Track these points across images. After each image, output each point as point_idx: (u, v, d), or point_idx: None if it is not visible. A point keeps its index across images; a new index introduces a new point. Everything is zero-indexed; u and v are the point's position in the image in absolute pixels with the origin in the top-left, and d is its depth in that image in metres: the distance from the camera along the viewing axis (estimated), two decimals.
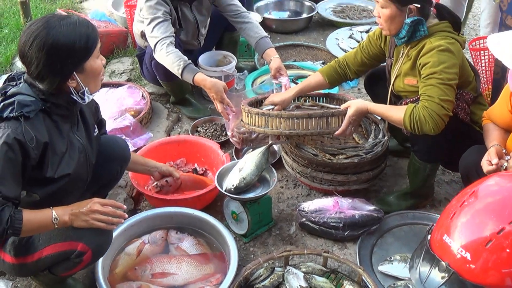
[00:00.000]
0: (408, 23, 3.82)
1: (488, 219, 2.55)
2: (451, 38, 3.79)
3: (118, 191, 4.38)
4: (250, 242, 4.08)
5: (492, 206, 2.61)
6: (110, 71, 6.17)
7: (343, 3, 7.89)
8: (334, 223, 3.98)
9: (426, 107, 3.59)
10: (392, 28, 3.93)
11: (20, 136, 2.89)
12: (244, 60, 6.47)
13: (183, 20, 5.17)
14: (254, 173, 3.97)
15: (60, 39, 2.96)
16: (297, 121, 3.97)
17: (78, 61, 3.05)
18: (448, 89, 3.63)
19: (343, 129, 3.98)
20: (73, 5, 8.12)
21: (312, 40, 7.11)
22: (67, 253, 3.13)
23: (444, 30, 3.84)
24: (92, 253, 3.17)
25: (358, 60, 4.45)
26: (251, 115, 4.13)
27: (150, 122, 5.38)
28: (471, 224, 2.60)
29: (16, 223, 2.88)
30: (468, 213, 2.64)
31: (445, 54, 3.70)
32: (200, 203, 4.27)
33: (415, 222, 4.15)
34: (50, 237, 3.14)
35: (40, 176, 3.09)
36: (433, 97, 3.60)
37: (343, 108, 4.00)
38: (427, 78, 3.70)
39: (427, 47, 3.78)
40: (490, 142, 3.56)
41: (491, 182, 2.78)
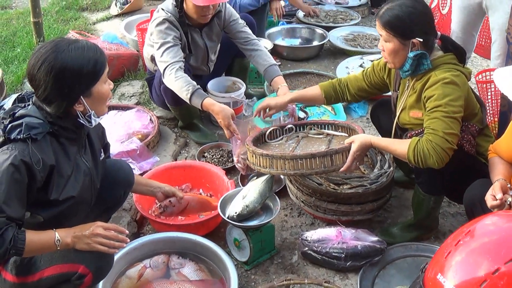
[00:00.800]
0: (411, 57, 3.82)
1: (483, 259, 2.51)
2: (456, 71, 3.79)
3: (122, 214, 4.39)
4: (252, 270, 4.06)
5: (488, 246, 2.57)
6: (120, 94, 6.20)
7: (355, 31, 7.91)
8: (336, 253, 3.97)
9: (430, 140, 3.58)
10: (396, 62, 3.94)
11: (27, 158, 2.92)
12: (254, 86, 6.48)
13: (193, 45, 5.20)
14: (257, 201, 3.97)
15: (68, 63, 2.99)
16: (301, 162, 3.94)
17: (85, 86, 3.09)
18: (452, 122, 3.62)
19: (348, 166, 3.95)
20: (86, 26, 8.18)
21: (323, 68, 7.12)
22: (68, 274, 3.15)
23: (449, 62, 3.85)
24: (92, 275, 3.19)
25: (358, 84, 4.48)
26: (256, 155, 4.11)
27: (157, 146, 5.39)
28: (466, 264, 2.56)
29: (19, 244, 2.91)
30: (463, 252, 2.60)
31: (450, 87, 3.70)
32: (204, 228, 4.27)
33: (419, 254, 4.11)
34: (52, 258, 3.16)
35: (44, 198, 3.12)
36: (437, 130, 3.59)
37: (346, 143, 3.97)
38: (431, 111, 3.68)
39: (432, 80, 3.78)
40: (495, 176, 3.54)
41: (488, 222, 2.74)
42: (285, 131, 4.63)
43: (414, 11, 3.81)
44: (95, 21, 8.52)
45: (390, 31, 3.84)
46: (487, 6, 5.22)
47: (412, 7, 3.82)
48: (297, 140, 4.45)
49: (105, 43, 6.64)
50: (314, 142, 4.43)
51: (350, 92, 4.51)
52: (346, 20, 8.33)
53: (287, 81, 6.10)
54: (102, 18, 8.64)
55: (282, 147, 4.42)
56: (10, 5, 9.49)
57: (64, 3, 9.12)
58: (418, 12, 3.83)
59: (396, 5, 3.84)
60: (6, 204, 2.87)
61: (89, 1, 9.20)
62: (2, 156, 2.93)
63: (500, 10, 5.12)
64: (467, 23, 5.57)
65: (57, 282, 3.19)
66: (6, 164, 2.89)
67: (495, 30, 5.26)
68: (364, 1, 9.14)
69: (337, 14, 8.52)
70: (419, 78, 3.92)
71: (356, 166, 4.01)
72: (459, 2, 5.55)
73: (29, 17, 7.13)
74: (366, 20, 8.79)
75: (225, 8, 5.30)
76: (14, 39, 7.65)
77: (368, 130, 5.60)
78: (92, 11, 9.00)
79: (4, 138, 3.00)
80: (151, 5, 8.71)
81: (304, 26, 8.00)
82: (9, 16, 8.67)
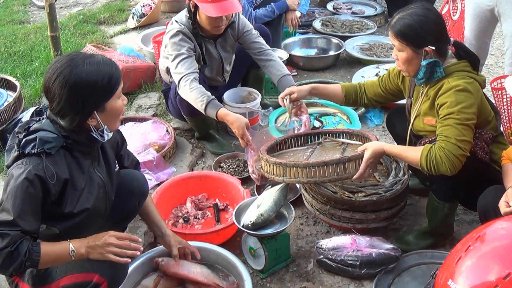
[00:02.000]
0: (424, 65, 3.84)
1: (494, 263, 2.49)
2: (469, 78, 3.80)
3: (139, 224, 4.42)
4: (267, 278, 4.08)
5: (498, 250, 2.55)
6: (137, 106, 6.26)
7: (371, 41, 7.91)
8: (351, 261, 3.98)
9: (443, 147, 3.59)
10: (410, 70, 3.95)
11: (41, 172, 2.97)
12: (270, 96, 6.50)
13: (208, 56, 5.24)
14: (272, 210, 3.99)
15: (83, 78, 3.03)
16: (314, 170, 3.95)
17: (99, 101, 3.12)
18: (465, 129, 3.63)
19: (361, 173, 3.95)
20: (103, 40, 8.25)
21: (339, 78, 7.13)
22: (83, 284, 3.17)
23: (462, 70, 3.85)
24: (107, 284, 3.21)
25: (375, 90, 4.51)
26: (269, 164, 4.12)
27: (173, 157, 5.43)
28: (477, 269, 2.55)
29: (34, 256, 2.96)
30: (473, 258, 2.58)
31: (463, 94, 3.71)
32: (219, 238, 4.30)
33: (434, 262, 4.09)
34: (67, 268, 3.19)
35: (59, 210, 3.15)
36: (450, 137, 3.60)
37: (359, 151, 3.98)
38: (444, 119, 3.69)
39: (445, 87, 3.79)
40: (509, 182, 3.53)
41: (497, 227, 2.73)
42: (300, 141, 4.65)
43: (426, 19, 3.82)
44: (112, 35, 8.60)
45: (402, 41, 3.86)
46: (500, 13, 5.23)
47: (423, 15, 3.83)
48: (312, 149, 4.47)
49: (122, 55, 6.71)
50: (328, 150, 4.45)
51: (367, 97, 4.55)
52: (362, 30, 8.34)
53: None
54: (119, 31, 8.72)
55: (297, 155, 4.44)
56: (28, 20, 9.61)
57: (81, 17, 9.23)
58: (430, 20, 3.84)
59: (407, 14, 3.87)
60: (21, 218, 2.92)
61: (107, 15, 9.30)
62: (17, 171, 2.98)
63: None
64: (480, 30, 5.57)
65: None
66: (20, 179, 2.94)
67: (508, 37, 5.25)
68: (380, 11, 9.15)
69: (353, 23, 8.52)
70: (433, 85, 3.93)
71: (370, 174, 4.01)
72: (471, 9, 5.55)
73: (46, 31, 7.20)
74: (382, 29, 8.79)
75: (238, 19, 5.34)
76: (32, 53, 7.74)
77: (384, 139, 5.61)
78: (110, 24, 9.09)
79: (19, 152, 3.04)
80: (168, 18, 8.78)
81: (320, 36, 8.01)
82: (27, 30, 8.78)
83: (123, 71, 6.33)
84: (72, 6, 10.17)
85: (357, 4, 9.48)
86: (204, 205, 4.78)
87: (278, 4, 7.00)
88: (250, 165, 4.66)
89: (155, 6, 8.71)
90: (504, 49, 5.54)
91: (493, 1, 5.26)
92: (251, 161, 4.63)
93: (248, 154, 4.72)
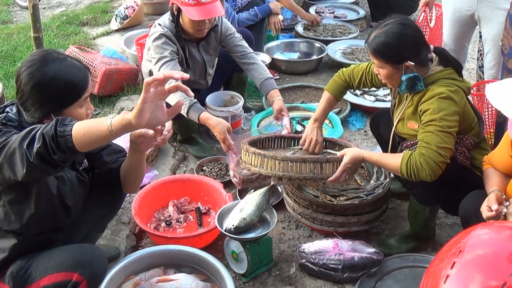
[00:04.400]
0: (404, 80, 3.85)
1: (487, 277, 2.46)
2: (453, 86, 3.81)
3: (121, 228, 4.43)
4: (250, 282, 4.08)
5: (486, 262, 2.51)
6: (119, 108, 6.24)
7: (353, 45, 7.94)
8: (333, 265, 3.99)
9: (423, 154, 3.61)
10: (393, 83, 4.00)
11: None
12: (253, 100, 6.51)
13: (190, 59, 5.25)
14: (255, 214, 3.99)
15: (48, 78, 3.02)
16: (291, 164, 3.98)
17: (57, 105, 3.09)
18: (446, 136, 3.65)
19: (337, 176, 3.97)
20: (86, 41, 8.23)
21: (321, 82, 7.14)
22: (63, 283, 3.16)
23: (447, 77, 3.86)
24: (87, 283, 3.20)
25: (362, 81, 4.46)
26: (249, 153, 4.16)
27: (156, 160, 5.42)
28: (471, 285, 2.52)
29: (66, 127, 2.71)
30: (463, 274, 2.54)
31: (445, 102, 3.72)
32: (202, 241, 4.29)
33: (416, 265, 4.11)
34: (47, 268, 3.19)
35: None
36: (431, 144, 3.62)
37: (339, 155, 4.01)
38: (426, 125, 3.71)
39: (428, 94, 3.80)
40: (490, 187, 3.55)
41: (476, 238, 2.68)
42: (283, 143, 4.66)
43: (402, 36, 3.82)
44: (95, 36, 8.58)
45: (381, 59, 3.86)
46: (480, 17, 5.27)
47: (399, 32, 3.82)
48: (293, 152, 4.48)
49: (105, 58, 6.68)
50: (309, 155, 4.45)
51: (355, 86, 4.55)
52: (345, 34, 8.37)
53: (285, 95, 6.18)
54: (102, 33, 8.70)
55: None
56: (11, 20, 9.58)
57: (64, 18, 9.21)
58: (407, 36, 3.83)
59: (382, 33, 3.84)
60: None
61: (90, 16, 9.28)
62: None
63: (493, 20, 5.16)
64: (459, 35, 5.62)
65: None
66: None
67: (488, 41, 5.30)
68: (363, 15, 9.18)
69: (336, 28, 8.55)
70: (417, 92, 3.93)
71: (345, 179, 4.04)
72: (450, 15, 5.59)
73: (29, 32, 7.12)
74: (364, 33, 8.81)
75: (221, 22, 5.35)
76: (15, 54, 7.72)
77: (366, 143, 5.65)
78: (93, 26, 9.07)
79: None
80: (151, 20, 8.76)
81: (303, 40, 8.04)
82: (10, 31, 8.75)
83: (106, 74, 6.33)
84: (55, 7, 10.14)
85: (340, 8, 9.50)
86: (186, 208, 4.77)
87: (261, 8, 7.02)
88: (231, 169, 4.68)
89: (138, 8, 8.70)
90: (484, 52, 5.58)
91: (472, 6, 5.30)
92: (232, 165, 4.64)
93: (230, 158, 4.73)
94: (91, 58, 6.48)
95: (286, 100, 6.49)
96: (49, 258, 3.23)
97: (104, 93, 6.44)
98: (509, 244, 2.56)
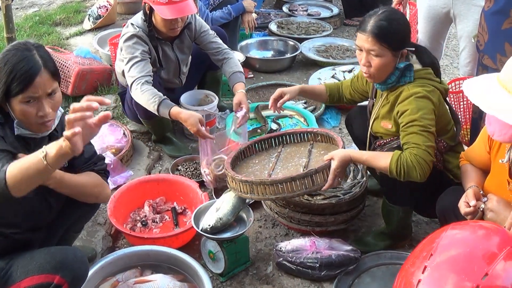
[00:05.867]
0: (400, 68, 3.82)
1: (460, 280, 2.45)
2: (430, 86, 3.81)
3: (97, 229, 4.39)
4: (227, 281, 4.07)
5: (458, 265, 2.48)
6: None
7: (327, 42, 7.96)
8: (310, 263, 3.98)
9: (415, 154, 3.57)
10: (383, 76, 3.89)
11: None
12: (227, 99, 6.47)
13: (164, 59, 5.24)
14: (231, 213, 3.97)
15: (5, 63, 3.04)
16: (281, 186, 3.87)
17: (2, 91, 3.07)
18: (429, 135, 3.64)
19: (330, 184, 3.88)
20: (59, 41, 8.14)
21: (295, 80, 7.15)
22: (44, 285, 3.11)
23: (424, 77, 3.86)
24: (68, 285, 3.16)
25: (349, 90, 4.52)
26: (235, 181, 4.04)
27: (131, 160, 5.38)
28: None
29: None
30: (435, 278, 2.53)
31: (422, 101, 3.72)
32: (178, 241, 4.27)
33: (393, 262, 4.11)
34: (28, 270, 3.14)
35: None
36: (420, 144, 3.59)
37: (325, 159, 3.92)
38: (407, 126, 3.69)
39: (404, 94, 3.79)
40: (468, 183, 3.56)
41: (446, 239, 2.67)
42: (264, 145, 4.63)
43: (402, 21, 3.85)
44: (68, 36, 8.49)
45: (385, 45, 3.77)
46: (455, 15, 5.28)
47: (400, 18, 3.85)
48: (277, 154, 4.43)
49: (78, 58, 6.64)
50: (294, 154, 4.41)
51: (345, 96, 4.57)
52: (318, 32, 8.39)
53: (259, 93, 6.20)
54: (75, 32, 8.62)
55: (262, 163, 4.38)
56: None
57: (37, 18, 9.11)
58: (406, 22, 3.88)
59: (385, 18, 3.78)
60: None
61: (63, 16, 9.18)
62: None
63: (468, 17, 5.18)
64: (434, 32, 5.64)
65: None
66: None
67: (463, 38, 5.32)
68: (336, 12, 9.21)
69: (309, 25, 8.57)
70: (393, 90, 3.93)
71: (338, 182, 3.97)
72: (425, 12, 5.61)
73: (2, 32, 7.09)
74: (338, 31, 8.86)
75: (195, 19, 5.35)
76: None
77: None
78: (65, 26, 8.98)
79: None
80: (124, 19, 8.69)
81: (276, 38, 8.05)
82: None
83: (80, 74, 6.28)
84: (28, 7, 10.03)
85: (313, 6, 9.54)
86: (162, 208, 4.74)
87: (235, 6, 7.01)
88: (204, 167, 4.66)
89: (111, 7, 8.64)
90: (458, 49, 5.60)
91: (448, 3, 5.32)
92: (205, 162, 4.63)
93: (202, 154, 4.71)
94: (64, 58, 6.43)
95: (261, 98, 6.49)
96: (31, 259, 3.18)
97: (78, 93, 6.39)
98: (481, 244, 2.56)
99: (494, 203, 3.30)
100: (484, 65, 4.46)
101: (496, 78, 3.02)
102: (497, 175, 3.43)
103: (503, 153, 3.36)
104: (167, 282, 3.77)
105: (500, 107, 2.87)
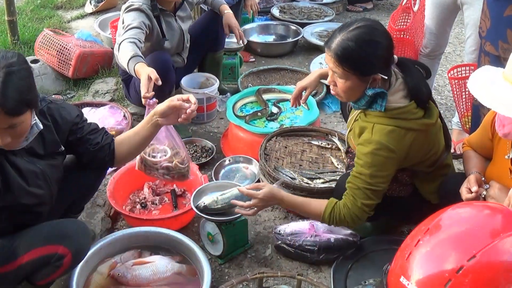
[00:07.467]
0: (369, 95, 3.41)
1: (445, 257, 2.41)
2: (402, 129, 3.43)
3: (96, 210, 4.38)
4: (225, 264, 4.08)
5: (448, 243, 2.47)
6: (94, 91, 6.18)
7: (329, 28, 7.91)
8: (309, 246, 3.99)
9: (349, 207, 3.54)
10: (351, 98, 3.55)
11: None
12: (228, 82, 6.47)
13: (168, 29, 5.27)
14: (228, 203, 3.85)
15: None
16: None
17: None
18: (373, 193, 3.51)
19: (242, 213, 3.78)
20: (61, 25, 8.12)
21: (297, 64, 7.15)
22: (48, 257, 3.15)
23: (398, 117, 3.44)
24: (72, 256, 3.20)
25: None
26: None
27: None
28: (428, 264, 2.48)
29: None
30: (423, 252, 2.51)
31: (380, 157, 3.42)
32: (177, 223, 4.29)
33: (392, 247, 4.05)
34: (31, 243, 3.16)
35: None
36: (356, 200, 3.52)
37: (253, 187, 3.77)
38: (355, 176, 3.53)
39: (366, 136, 3.51)
40: (470, 169, 3.57)
41: (445, 217, 2.67)
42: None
43: (375, 43, 3.31)
44: (69, 19, 8.48)
45: (348, 69, 3.33)
46: (462, 2, 5.25)
47: (372, 38, 3.32)
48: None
49: (80, 40, 6.62)
50: None
51: None
52: (321, 17, 8.37)
53: (261, 77, 6.21)
54: (77, 16, 8.60)
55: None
56: None
57: (39, 2, 9.06)
58: (379, 44, 3.33)
59: (353, 37, 3.29)
60: None
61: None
62: None
63: (475, 4, 5.14)
64: (442, 19, 5.59)
65: (37, 267, 3.19)
66: None
67: (469, 25, 5.28)
68: None
69: (312, 10, 8.55)
70: (365, 112, 3.61)
71: (255, 212, 3.78)
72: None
73: (3, 15, 7.08)
74: (340, 16, 8.85)
75: None
76: None
77: (342, 125, 5.65)
78: (67, 9, 8.95)
79: None
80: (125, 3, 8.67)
81: (279, 23, 8.04)
82: None
83: (80, 56, 6.27)
84: None
85: None
86: (162, 190, 4.75)
87: None
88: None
89: None
90: (462, 37, 5.57)
91: None
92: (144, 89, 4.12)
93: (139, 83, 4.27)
94: (65, 41, 6.41)
95: (262, 82, 6.47)
96: (34, 233, 3.20)
97: (79, 75, 6.39)
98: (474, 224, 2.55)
99: (496, 190, 3.30)
100: (486, 52, 4.43)
101: (501, 74, 3.00)
102: (499, 162, 3.43)
103: (505, 141, 3.36)
104: (165, 263, 3.78)
105: None
